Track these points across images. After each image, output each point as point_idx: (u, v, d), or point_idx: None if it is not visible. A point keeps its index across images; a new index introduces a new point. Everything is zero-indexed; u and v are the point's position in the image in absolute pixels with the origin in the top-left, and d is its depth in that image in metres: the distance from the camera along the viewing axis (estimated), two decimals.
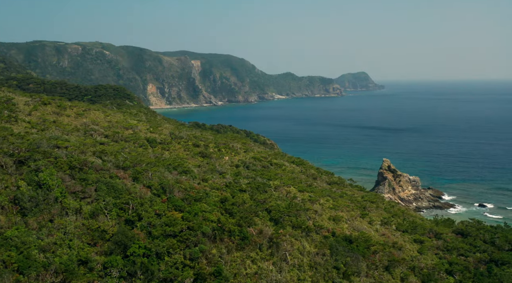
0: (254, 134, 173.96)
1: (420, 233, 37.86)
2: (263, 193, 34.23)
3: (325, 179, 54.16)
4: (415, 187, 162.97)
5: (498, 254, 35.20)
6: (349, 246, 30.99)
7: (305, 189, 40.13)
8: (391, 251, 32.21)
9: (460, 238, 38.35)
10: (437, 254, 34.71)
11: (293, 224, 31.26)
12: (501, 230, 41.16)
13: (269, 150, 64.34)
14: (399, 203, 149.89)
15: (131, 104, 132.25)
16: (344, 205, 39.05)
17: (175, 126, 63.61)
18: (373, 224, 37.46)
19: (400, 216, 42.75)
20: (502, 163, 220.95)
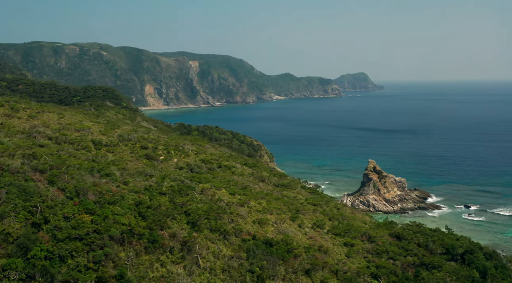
0: (241, 135, 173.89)
1: (351, 236, 37.65)
2: (185, 196, 34.16)
3: (275, 181, 53.97)
4: (401, 188, 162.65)
5: (429, 258, 34.98)
6: (269, 250, 30.86)
7: (237, 191, 39.99)
8: (314, 255, 32.05)
9: (395, 241, 38.10)
10: (366, 258, 34.51)
11: (211, 227, 31.16)
12: (438, 234, 40.88)
13: (228, 152, 64.07)
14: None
15: (111, 105, 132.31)
16: (275, 208, 38.91)
17: (135, 128, 63.37)
18: (302, 227, 37.32)
19: (339, 219, 42.52)
20: (493, 164, 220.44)
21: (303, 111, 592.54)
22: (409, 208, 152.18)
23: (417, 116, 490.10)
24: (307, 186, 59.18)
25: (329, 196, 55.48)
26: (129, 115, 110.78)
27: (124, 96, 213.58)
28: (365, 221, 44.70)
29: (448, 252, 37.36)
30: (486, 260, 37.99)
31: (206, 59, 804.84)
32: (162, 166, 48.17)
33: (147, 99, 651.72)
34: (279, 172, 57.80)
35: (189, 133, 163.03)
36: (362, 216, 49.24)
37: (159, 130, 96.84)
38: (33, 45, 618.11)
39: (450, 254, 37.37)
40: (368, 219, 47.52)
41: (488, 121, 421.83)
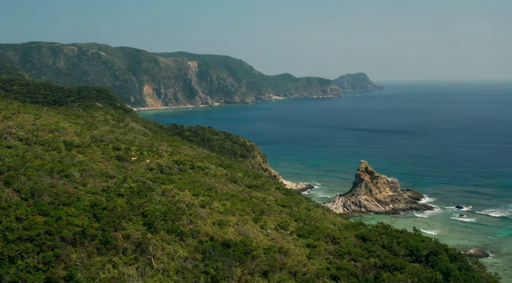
0: (234, 136, 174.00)
1: (315, 237, 37.65)
2: (143, 197, 34.21)
3: (248, 182, 53.92)
4: (393, 188, 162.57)
5: (392, 259, 34.93)
6: (226, 251, 30.88)
7: (202, 193, 39.98)
8: (274, 256, 32.07)
9: (359, 242, 38.10)
10: (328, 259, 34.50)
11: (167, 229, 31.21)
12: (404, 235, 40.80)
13: (206, 152, 63.93)
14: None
15: (101, 106, 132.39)
16: (239, 209, 38.91)
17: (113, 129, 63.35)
18: (265, 228, 37.31)
19: (306, 220, 42.48)
20: (488, 166, 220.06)
21: (300, 111, 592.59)
22: (401, 209, 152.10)
23: (415, 117, 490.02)
24: (284, 187, 59.05)
25: (303, 197, 55.35)
26: (118, 116, 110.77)
27: (118, 96, 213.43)
28: (334, 222, 44.61)
29: (412, 254, 37.34)
30: (451, 261, 37.91)
31: (205, 60, 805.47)
32: (132, 167, 48.23)
33: (146, 100, 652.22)
34: (255, 173, 57.76)
35: (181, 134, 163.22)
36: (334, 217, 49.12)
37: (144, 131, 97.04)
38: (31, 46, 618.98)
39: (414, 255, 37.35)
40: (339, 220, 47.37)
41: (486, 122, 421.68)
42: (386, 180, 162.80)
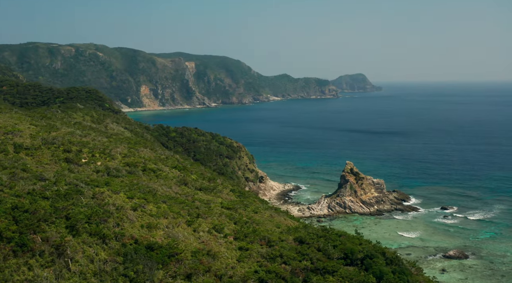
0: (221, 137, 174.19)
1: (249, 240, 37.77)
2: (70, 200, 34.40)
3: (198, 184, 53.96)
4: (379, 189, 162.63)
5: (324, 263, 35.03)
6: (149, 254, 31.06)
7: (138, 195, 40.11)
8: (200, 259, 32.22)
9: (296, 245, 38.18)
10: (259, 262, 34.63)
11: (90, 231, 31.40)
12: (343, 238, 40.75)
13: (167, 154, 64.01)
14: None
15: (81, 107, 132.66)
16: (174, 212, 39.03)
17: (73, 130, 63.50)
18: (198, 231, 37.45)
19: (247, 223, 42.51)
20: (479, 167, 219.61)
21: (296, 112, 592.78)
22: (386, 210, 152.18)
23: (410, 118, 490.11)
24: (241, 189, 59.11)
25: (258, 200, 55.39)
26: (98, 117, 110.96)
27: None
28: (280, 225, 44.70)
29: (347, 257, 37.42)
30: (387, 265, 37.99)
31: (203, 60, 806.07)
32: (78, 169, 48.41)
33: (143, 100, 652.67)
34: (209, 176, 57.81)
35: (167, 135, 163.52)
36: (284, 220, 49.17)
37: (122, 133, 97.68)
38: (28, 46, 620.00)
39: (349, 258, 37.41)
40: (288, 223, 47.39)
41: (482, 123, 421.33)
42: (371, 181, 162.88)
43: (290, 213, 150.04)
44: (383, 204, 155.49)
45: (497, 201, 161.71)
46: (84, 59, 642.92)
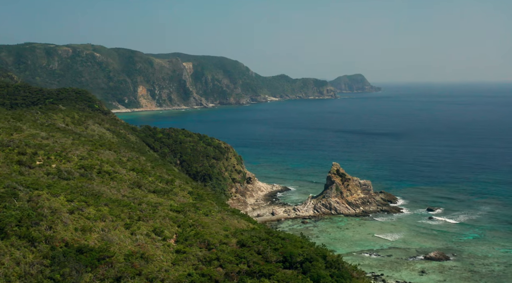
0: (208, 138, 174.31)
1: (187, 243, 37.88)
2: (1, 202, 34.55)
3: (153, 187, 54.06)
4: (365, 190, 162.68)
5: (261, 266, 35.12)
6: (78, 257, 31.21)
7: (78, 198, 40.27)
8: (133, 262, 32.36)
9: (236, 248, 38.24)
10: (195, 265, 34.76)
11: (20, 234, 31.58)
12: (285, 241, 40.82)
13: (130, 157, 64.01)
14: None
15: (63, 108, 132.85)
16: (114, 215, 39.17)
17: (37, 132, 63.67)
18: (135, 234, 37.59)
19: (192, 226, 42.61)
20: (469, 169, 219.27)
21: (293, 113, 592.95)
22: (371, 211, 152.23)
23: (406, 119, 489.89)
24: (200, 192, 59.08)
25: (213, 202, 55.41)
26: (79, 118, 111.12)
27: (97, 98, 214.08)
28: (228, 228, 44.74)
29: (286, 260, 37.53)
30: (326, 268, 38.07)
31: (201, 61, 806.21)
32: (29, 172, 48.57)
33: (140, 101, 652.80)
34: (167, 178, 57.82)
35: (154, 136, 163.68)
36: (237, 223, 49.15)
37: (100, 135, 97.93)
38: (25, 47, 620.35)
39: (288, 262, 37.51)
40: (241, 226, 47.39)
41: (477, 124, 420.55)
42: (358, 182, 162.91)
43: (276, 213, 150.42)
44: (369, 205, 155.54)
45: (483, 202, 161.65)
46: (81, 60, 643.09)
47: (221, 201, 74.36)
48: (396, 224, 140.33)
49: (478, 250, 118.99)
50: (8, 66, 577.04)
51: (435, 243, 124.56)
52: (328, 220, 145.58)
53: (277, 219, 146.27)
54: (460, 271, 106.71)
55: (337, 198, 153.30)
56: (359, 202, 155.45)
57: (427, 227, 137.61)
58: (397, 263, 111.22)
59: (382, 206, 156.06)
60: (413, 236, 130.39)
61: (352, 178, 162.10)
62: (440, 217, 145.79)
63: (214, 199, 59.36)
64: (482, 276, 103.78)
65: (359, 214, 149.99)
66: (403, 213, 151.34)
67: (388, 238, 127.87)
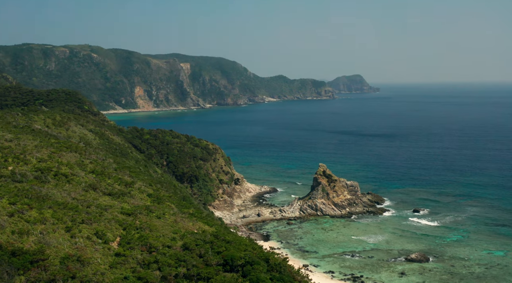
0: (196, 139, 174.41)
1: (128, 246, 38.00)
2: None
3: (110, 189, 54.10)
4: (352, 192, 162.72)
5: (199, 269, 35.24)
6: (11, 260, 31.35)
7: (22, 201, 40.44)
8: (68, 265, 32.50)
9: (178, 251, 38.32)
10: (133, 268, 34.88)
11: None
12: (228, 244, 40.85)
13: (95, 159, 64.03)
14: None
15: (45, 110, 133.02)
16: (56, 218, 39.32)
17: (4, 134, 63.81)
18: (75, 237, 37.70)
19: (139, 228, 42.68)
20: (460, 170, 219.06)
21: (289, 113, 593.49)
22: (357, 212, 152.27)
23: (402, 120, 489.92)
24: (160, 194, 59.08)
25: (171, 204, 55.43)
26: (61, 119, 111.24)
27: (87, 99, 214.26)
28: (178, 231, 44.79)
29: (227, 263, 37.62)
30: (268, 271, 38.17)
31: (198, 61, 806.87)
32: None
33: (137, 101, 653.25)
34: (128, 180, 57.89)
35: (141, 137, 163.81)
36: (192, 225, 49.18)
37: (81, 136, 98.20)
38: (22, 47, 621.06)
39: (229, 265, 37.62)
40: (193, 229, 47.38)
41: (473, 125, 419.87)
42: (345, 183, 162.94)
43: (262, 214, 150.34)
44: (355, 207, 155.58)
45: (471, 204, 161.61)
46: (78, 61, 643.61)
47: (188, 203, 74.33)
48: (381, 225, 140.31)
49: (460, 252, 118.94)
50: (5, 67, 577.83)
51: (418, 245, 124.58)
52: (313, 221, 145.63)
53: (263, 220, 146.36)
54: (440, 272, 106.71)
55: (323, 199, 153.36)
56: (346, 203, 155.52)
57: (411, 229, 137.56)
58: (378, 264, 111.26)
59: (369, 207, 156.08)
60: (396, 237, 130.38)
61: (339, 179, 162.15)
62: (426, 219, 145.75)
63: (176, 202, 59.36)
64: (462, 277, 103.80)
65: (345, 215, 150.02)
66: (389, 214, 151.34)
67: (371, 240, 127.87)
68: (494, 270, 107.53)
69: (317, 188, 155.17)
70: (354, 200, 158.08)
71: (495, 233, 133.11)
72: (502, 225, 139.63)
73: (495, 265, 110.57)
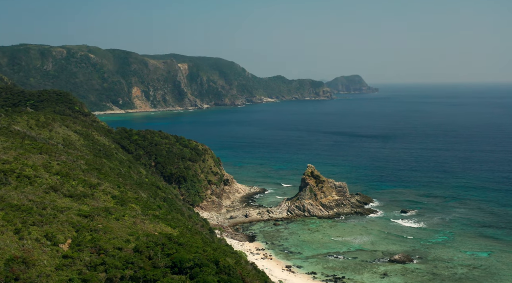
0: (185, 140, 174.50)
1: (77, 248, 38.14)
2: None
3: (73, 191, 54.19)
4: (341, 192, 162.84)
5: (146, 271, 35.38)
6: None
7: None
8: (12, 267, 32.65)
9: (130, 254, 38.43)
10: (79, 270, 35.06)
11: None
12: (181, 247, 40.95)
13: (63, 161, 63.94)
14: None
15: (33, 111, 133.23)
16: (5, 220, 39.43)
17: None
18: (23, 239, 37.85)
19: (92, 231, 42.73)
20: (452, 171, 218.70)
21: (285, 114, 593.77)
22: (345, 213, 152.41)
23: (397, 120, 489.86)
24: (125, 196, 59.13)
25: (138, 206, 55.57)
26: (45, 120, 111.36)
27: (78, 100, 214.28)
28: (135, 233, 44.84)
29: (175, 265, 37.79)
30: (216, 273, 38.32)
31: (196, 62, 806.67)
32: None
33: (134, 102, 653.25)
34: (92, 182, 57.84)
35: (129, 138, 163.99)
36: (153, 227, 49.23)
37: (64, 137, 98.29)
38: (20, 48, 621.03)
39: (177, 267, 37.78)
40: (152, 230, 47.44)
41: (468, 127, 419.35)
42: (333, 184, 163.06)
43: (249, 215, 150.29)
44: (343, 207, 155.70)
45: (459, 205, 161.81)
46: (75, 61, 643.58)
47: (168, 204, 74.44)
48: (367, 226, 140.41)
49: (444, 253, 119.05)
50: (2, 67, 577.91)
51: (403, 246, 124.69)
52: (300, 222, 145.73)
53: (250, 221, 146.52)
54: (422, 273, 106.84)
55: (311, 200, 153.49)
56: (333, 204, 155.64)
57: (397, 230, 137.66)
58: (361, 265, 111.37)
59: (356, 208, 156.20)
60: (381, 238, 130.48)
61: (327, 179, 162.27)
62: (412, 220, 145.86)
63: (142, 203, 59.41)
64: (443, 279, 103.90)
65: (332, 216, 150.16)
66: (376, 215, 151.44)
67: (356, 241, 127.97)
68: (477, 271, 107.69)
69: (304, 188, 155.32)
70: (342, 201, 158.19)
71: (480, 234, 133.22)
72: (488, 226, 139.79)
73: (478, 266, 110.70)
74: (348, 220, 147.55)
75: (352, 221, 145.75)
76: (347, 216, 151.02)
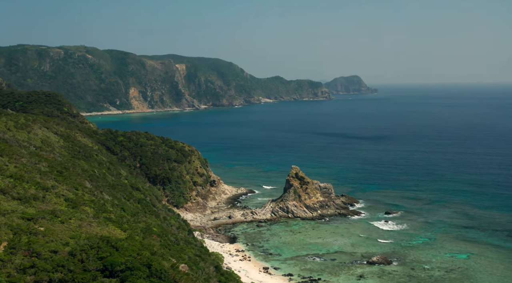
0: (171, 141, 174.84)
1: (10, 251, 38.44)
2: None
3: (23, 193, 54.50)
4: (326, 194, 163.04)
5: (75, 274, 35.69)
6: None
7: None
8: None
9: (63, 257, 38.73)
10: (8, 273, 35.36)
11: None
12: (115, 250, 41.17)
13: (19, 164, 64.14)
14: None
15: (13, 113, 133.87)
16: None
17: None
18: None
19: (31, 234, 43.04)
20: (441, 173, 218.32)
21: (282, 115, 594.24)
22: (329, 215, 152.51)
23: (394, 122, 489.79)
24: (79, 199, 59.37)
25: (90, 208, 55.85)
26: (25, 122, 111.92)
27: (68, 101, 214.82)
28: (77, 236, 45.10)
29: (106, 269, 38.11)
30: (148, 277, 38.68)
31: (194, 62, 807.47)
32: None
33: (132, 102, 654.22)
34: (47, 184, 58.25)
35: (115, 139, 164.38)
36: (99, 230, 49.50)
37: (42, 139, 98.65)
38: (17, 48, 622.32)
39: (109, 270, 38.11)
40: (99, 233, 47.70)
41: (463, 128, 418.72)
42: (318, 185, 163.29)
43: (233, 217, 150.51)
44: (327, 209, 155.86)
45: (444, 206, 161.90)
46: (73, 62, 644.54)
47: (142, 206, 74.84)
48: (349, 228, 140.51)
49: (423, 255, 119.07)
50: None
51: (383, 247, 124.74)
52: (283, 224, 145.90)
53: (233, 222, 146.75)
54: (399, 275, 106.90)
55: (295, 202, 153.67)
56: (317, 206, 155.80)
57: (380, 231, 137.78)
58: (338, 267, 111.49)
59: (341, 210, 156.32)
60: (363, 239, 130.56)
61: (312, 181, 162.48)
62: (395, 221, 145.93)
63: (98, 206, 59.75)
64: (419, 281, 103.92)
65: (316, 218, 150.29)
66: (360, 217, 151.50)
67: (336, 242, 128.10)
68: (454, 274, 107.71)
69: (289, 190, 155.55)
70: (326, 202, 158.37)
71: (462, 236, 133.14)
72: (471, 227, 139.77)
73: (456, 268, 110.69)
74: (332, 221, 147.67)
75: (335, 223, 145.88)
76: (331, 217, 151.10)
